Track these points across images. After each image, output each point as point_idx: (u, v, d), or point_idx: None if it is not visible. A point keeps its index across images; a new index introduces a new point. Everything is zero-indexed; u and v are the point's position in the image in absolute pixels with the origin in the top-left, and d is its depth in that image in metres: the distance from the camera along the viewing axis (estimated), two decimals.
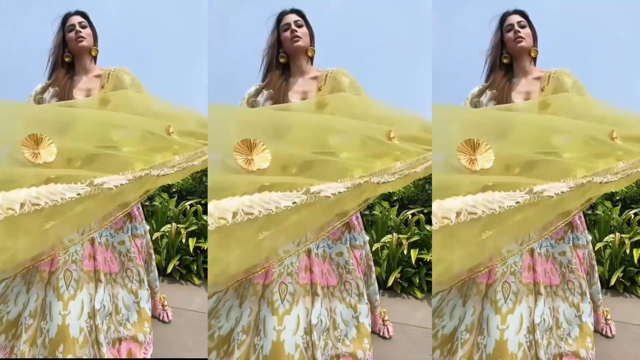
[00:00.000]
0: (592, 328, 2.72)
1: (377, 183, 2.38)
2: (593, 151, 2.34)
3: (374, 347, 3.58)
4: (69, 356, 2.52)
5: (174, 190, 4.96)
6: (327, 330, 2.64)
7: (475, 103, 2.56)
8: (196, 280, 4.61)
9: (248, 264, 2.41)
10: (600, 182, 2.27)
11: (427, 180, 4.79)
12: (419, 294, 4.44)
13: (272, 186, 2.40)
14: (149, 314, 2.86)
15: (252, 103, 2.59)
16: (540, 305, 2.61)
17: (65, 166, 2.45)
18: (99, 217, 2.47)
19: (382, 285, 4.47)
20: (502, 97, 2.49)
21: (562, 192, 2.26)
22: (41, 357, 2.53)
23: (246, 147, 2.37)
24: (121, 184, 2.41)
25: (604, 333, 3.61)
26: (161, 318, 3.79)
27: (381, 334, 3.65)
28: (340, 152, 2.48)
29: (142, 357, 2.97)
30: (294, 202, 2.32)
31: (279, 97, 2.52)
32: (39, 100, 2.63)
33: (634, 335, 3.73)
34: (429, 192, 4.75)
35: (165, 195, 4.84)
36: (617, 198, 4.79)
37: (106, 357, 2.62)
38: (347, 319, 2.69)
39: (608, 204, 4.67)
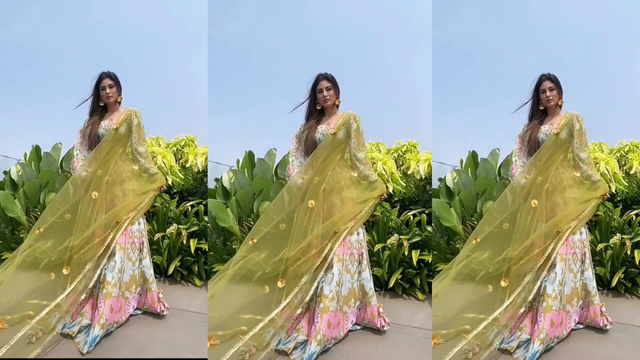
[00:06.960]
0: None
1: None
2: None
3: (375, 347, 3.58)
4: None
5: (174, 190, 4.91)
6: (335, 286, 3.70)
7: (522, 137, 3.84)
8: (197, 282, 4.58)
9: None
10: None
11: (428, 180, 4.79)
12: (420, 295, 4.43)
13: None
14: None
15: (299, 137, 3.87)
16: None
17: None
18: None
19: (384, 286, 4.47)
20: (535, 129, 3.78)
21: None
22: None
23: None
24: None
25: (601, 325, 3.64)
26: (158, 311, 3.84)
27: (379, 325, 3.70)
28: None
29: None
30: None
31: (311, 130, 3.83)
32: (83, 132, 3.93)
33: (635, 336, 3.72)
34: (430, 192, 4.74)
35: (166, 196, 4.77)
36: (618, 199, 4.74)
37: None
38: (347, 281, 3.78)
39: (609, 204, 4.62)
